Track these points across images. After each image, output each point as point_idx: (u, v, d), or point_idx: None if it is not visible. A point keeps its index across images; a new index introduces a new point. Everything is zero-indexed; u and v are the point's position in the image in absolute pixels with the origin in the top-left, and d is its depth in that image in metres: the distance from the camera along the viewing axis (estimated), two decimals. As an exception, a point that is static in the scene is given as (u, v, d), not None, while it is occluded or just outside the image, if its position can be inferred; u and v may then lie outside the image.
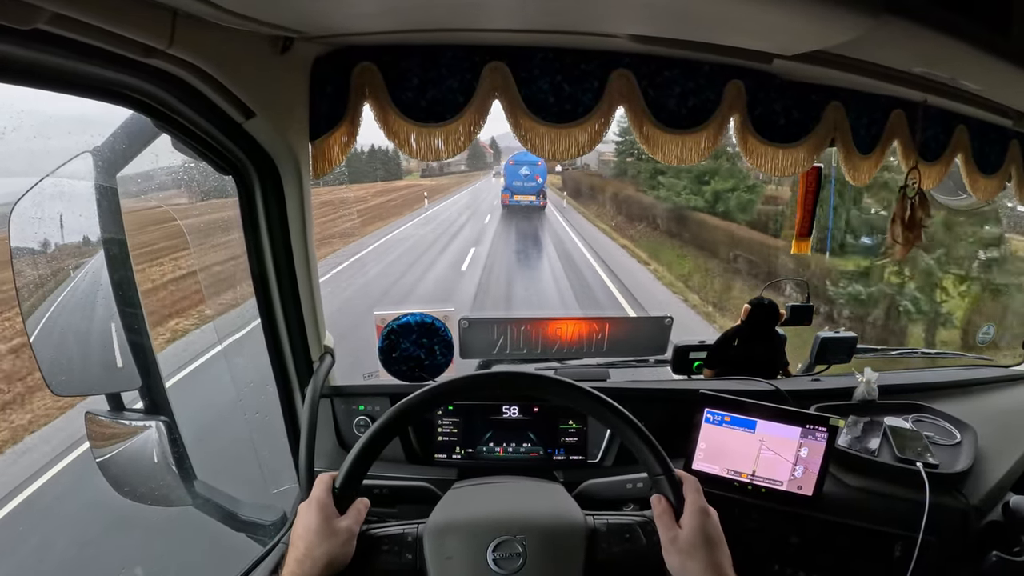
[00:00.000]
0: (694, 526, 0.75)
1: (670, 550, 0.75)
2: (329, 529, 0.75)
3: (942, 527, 1.11)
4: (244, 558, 1.09)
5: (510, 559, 0.77)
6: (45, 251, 1.06)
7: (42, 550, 3.33)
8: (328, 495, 0.78)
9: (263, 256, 1.10)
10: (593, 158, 30.25)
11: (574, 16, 0.91)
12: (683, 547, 0.74)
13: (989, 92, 1.13)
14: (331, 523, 0.76)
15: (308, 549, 0.73)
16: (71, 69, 0.69)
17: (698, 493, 0.78)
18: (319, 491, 0.78)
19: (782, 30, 0.84)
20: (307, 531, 0.75)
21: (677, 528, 0.76)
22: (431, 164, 36.36)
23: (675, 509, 0.78)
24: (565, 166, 30.85)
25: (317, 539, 0.74)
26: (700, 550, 0.73)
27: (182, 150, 0.99)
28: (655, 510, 0.79)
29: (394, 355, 1.33)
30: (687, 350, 1.59)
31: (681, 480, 0.79)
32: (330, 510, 0.77)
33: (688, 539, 0.74)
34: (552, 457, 1.28)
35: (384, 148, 33.73)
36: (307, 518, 0.76)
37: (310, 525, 0.75)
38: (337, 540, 0.75)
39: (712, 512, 0.77)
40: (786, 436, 1.11)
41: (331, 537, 0.75)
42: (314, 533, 0.74)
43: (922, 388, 1.51)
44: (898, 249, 1.24)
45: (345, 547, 0.76)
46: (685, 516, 0.76)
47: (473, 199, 28.27)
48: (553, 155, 1.11)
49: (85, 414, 1.11)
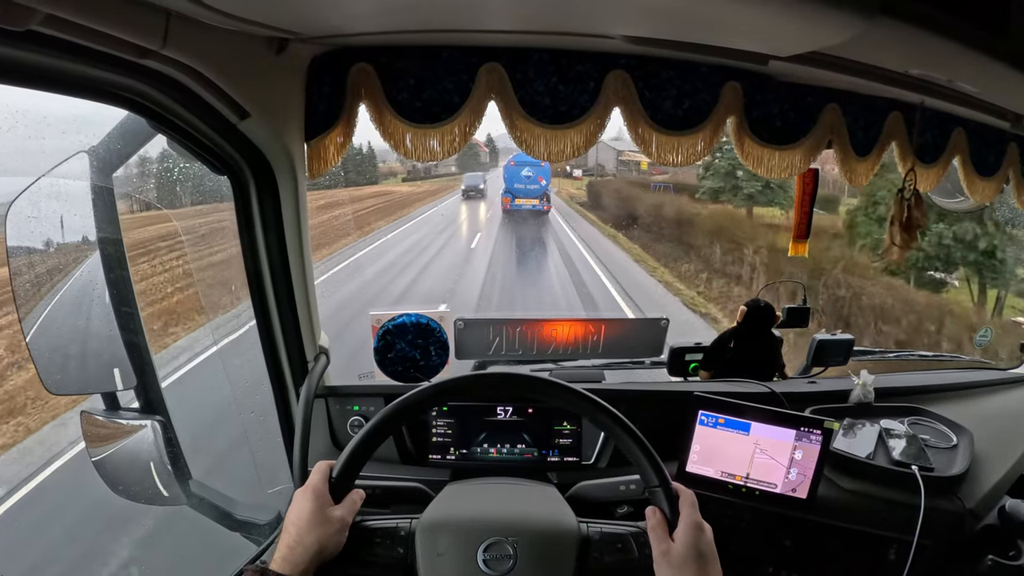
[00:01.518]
0: (687, 541, 0.75)
1: (661, 563, 0.75)
2: (322, 517, 0.75)
3: (937, 531, 1.10)
4: (239, 558, 1.10)
5: (500, 560, 0.77)
6: (41, 250, 1.07)
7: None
8: (324, 483, 0.78)
9: (258, 256, 1.10)
10: (611, 157, 27.37)
11: (570, 17, 0.91)
12: (674, 561, 0.74)
13: (987, 94, 1.13)
14: (325, 511, 0.76)
15: (300, 535, 0.74)
16: (66, 70, 0.69)
17: (694, 508, 0.78)
18: (316, 478, 0.79)
19: (776, 31, 0.83)
20: (300, 517, 0.75)
21: (670, 542, 0.76)
22: (416, 166, 33.53)
23: (669, 522, 0.78)
24: (589, 171, 27.81)
25: (309, 526, 0.74)
26: (691, 565, 0.73)
27: (177, 150, 0.99)
28: (649, 522, 0.79)
29: (390, 356, 1.33)
30: (683, 352, 1.59)
31: (678, 494, 0.79)
32: (325, 499, 0.77)
33: (680, 554, 0.74)
34: (546, 458, 1.28)
35: (359, 147, 30.60)
36: (301, 504, 0.76)
37: (303, 511, 0.75)
38: (329, 528, 0.75)
39: (707, 528, 0.77)
40: (781, 439, 1.11)
41: (324, 525, 0.75)
42: (307, 520, 0.75)
43: (919, 391, 1.51)
44: (895, 251, 1.23)
45: (337, 536, 0.76)
46: (679, 530, 0.76)
47: (452, 212, 21.93)
48: (548, 156, 1.10)
49: (81, 413, 1.12)
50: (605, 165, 25.65)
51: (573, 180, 29.25)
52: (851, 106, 1.21)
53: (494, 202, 20.99)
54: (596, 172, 28.39)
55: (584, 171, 28.64)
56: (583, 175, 28.92)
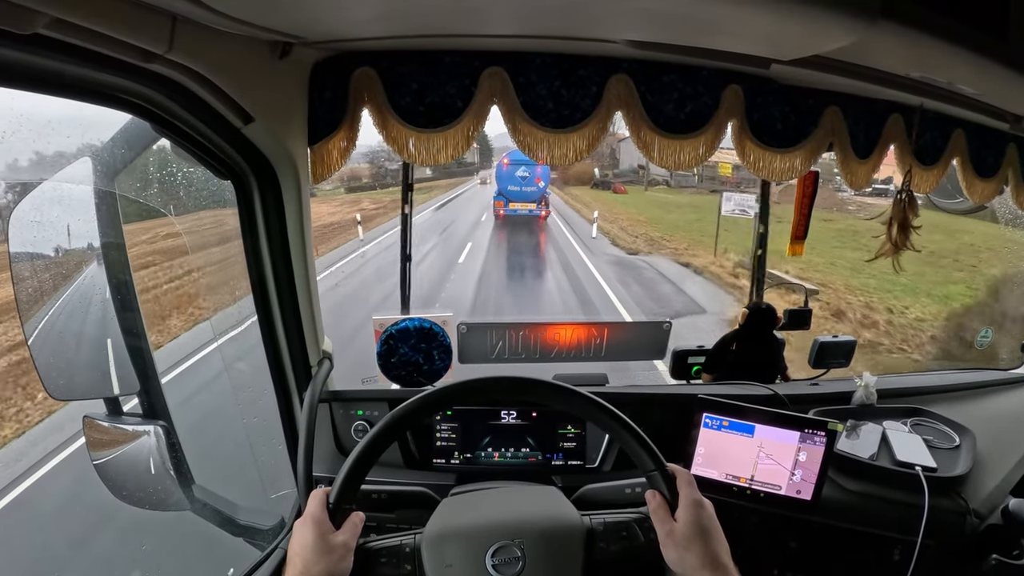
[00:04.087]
0: (689, 519, 0.75)
1: (667, 544, 0.75)
2: (325, 545, 0.74)
3: (941, 531, 1.11)
4: (242, 563, 1.09)
5: (509, 563, 0.76)
6: (44, 255, 1.06)
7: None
8: (323, 511, 0.77)
9: (262, 261, 1.10)
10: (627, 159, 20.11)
11: (572, 22, 0.92)
12: (679, 540, 0.74)
13: (986, 96, 1.13)
14: (327, 539, 0.75)
15: (305, 566, 0.73)
16: (70, 73, 0.69)
17: (691, 486, 0.78)
18: (313, 507, 0.78)
19: (778, 35, 0.84)
20: (303, 548, 0.74)
21: (672, 522, 0.76)
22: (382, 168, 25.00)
23: (669, 503, 0.78)
24: (624, 176, 19.35)
25: (314, 556, 0.73)
26: (696, 542, 0.74)
27: (181, 155, 0.99)
28: (650, 505, 0.79)
29: (393, 360, 1.33)
30: (685, 355, 1.59)
31: (674, 474, 0.80)
32: (325, 526, 0.76)
33: (684, 532, 0.74)
34: (551, 462, 1.27)
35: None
36: (303, 535, 0.75)
37: (306, 542, 0.74)
38: (334, 556, 0.74)
39: (707, 503, 0.78)
40: (785, 440, 1.11)
41: (328, 553, 0.74)
42: (310, 550, 0.74)
43: (921, 392, 1.51)
44: (889, 249, 1.24)
45: (342, 563, 0.75)
46: (680, 509, 0.76)
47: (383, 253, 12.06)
48: (551, 160, 1.11)
49: (83, 418, 1.11)
50: (647, 165, 18.07)
51: (615, 194, 18.92)
52: (851, 108, 1.22)
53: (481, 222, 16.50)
54: (641, 178, 19.48)
55: (620, 179, 19.62)
56: (622, 185, 19.01)
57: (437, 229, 15.55)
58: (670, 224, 15.88)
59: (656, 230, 15.16)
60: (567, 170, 22.01)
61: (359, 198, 23.29)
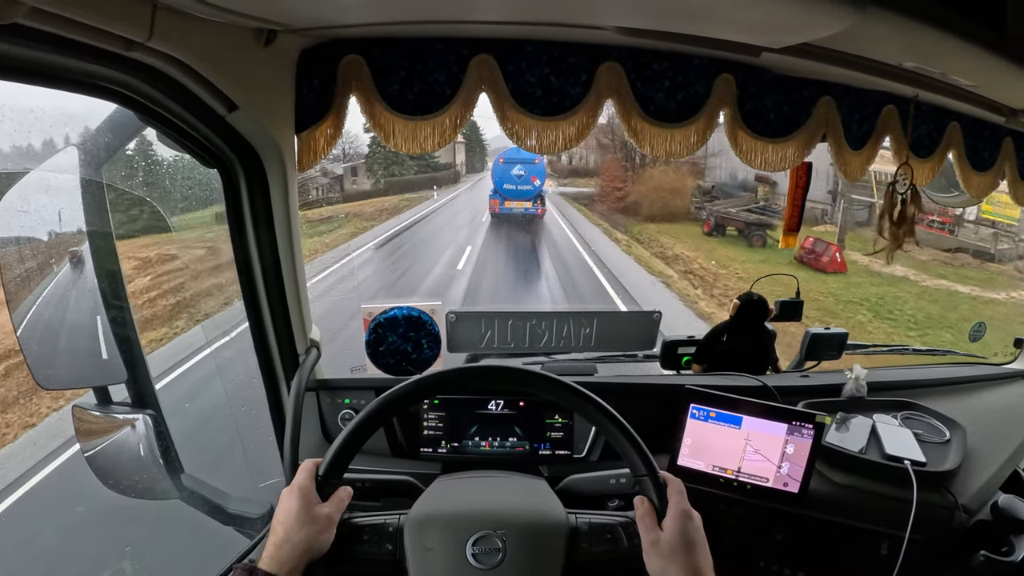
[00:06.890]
0: (676, 529, 0.75)
1: (651, 552, 0.75)
2: (309, 515, 0.75)
3: (929, 526, 1.10)
4: (231, 551, 1.10)
5: (489, 554, 0.77)
6: (30, 244, 1.06)
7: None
8: (311, 481, 0.78)
9: (248, 249, 1.10)
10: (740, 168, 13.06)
11: (562, 8, 0.91)
12: (664, 550, 0.74)
13: (982, 88, 1.12)
14: (311, 510, 0.76)
15: (287, 534, 0.74)
16: (51, 63, 0.68)
17: (682, 496, 0.78)
18: (302, 477, 0.79)
19: (767, 22, 0.83)
20: (287, 516, 0.75)
21: (659, 531, 0.76)
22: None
23: (658, 511, 0.78)
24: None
25: (296, 524, 0.74)
26: (680, 554, 0.73)
27: (167, 143, 0.98)
28: (637, 511, 0.79)
29: (381, 348, 1.33)
30: (676, 345, 1.59)
31: (665, 482, 0.79)
32: (312, 497, 0.77)
33: (669, 542, 0.74)
34: (538, 451, 1.28)
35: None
36: (288, 503, 0.76)
37: (290, 510, 0.75)
38: (317, 527, 0.75)
39: (695, 515, 0.77)
40: (772, 432, 1.10)
41: (311, 523, 0.75)
42: (294, 518, 0.75)
43: (912, 385, 1.51)
44: (887, 245, 1.23)
45: (324, 534, 0.76)
46: (667, 519, 0.76)
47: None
48: (540, 149, 1.10)
49: (72, 407, 1.11)
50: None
51: (825, 273, 9.91)
52: (845, 99, 1.20)
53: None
54: (840, 215, 12.52)
55: (728, 199, 13.49)
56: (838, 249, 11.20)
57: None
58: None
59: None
60: (636, 182, 17.25)
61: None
